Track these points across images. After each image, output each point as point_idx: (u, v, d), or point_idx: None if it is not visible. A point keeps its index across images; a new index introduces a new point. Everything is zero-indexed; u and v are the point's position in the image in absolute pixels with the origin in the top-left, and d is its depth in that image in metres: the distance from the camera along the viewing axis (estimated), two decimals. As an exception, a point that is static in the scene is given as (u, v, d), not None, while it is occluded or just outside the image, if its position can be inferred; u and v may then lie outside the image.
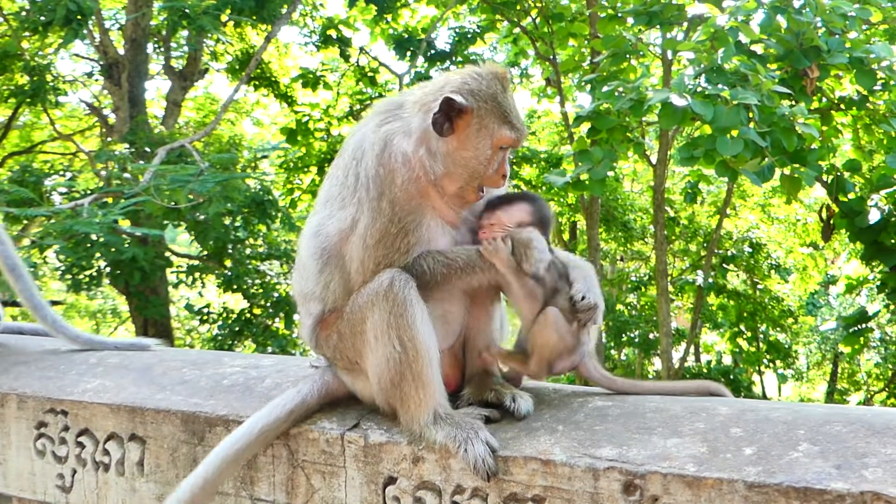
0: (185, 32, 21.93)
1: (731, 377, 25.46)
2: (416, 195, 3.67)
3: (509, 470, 3.39)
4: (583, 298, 3.66)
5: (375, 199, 3.67)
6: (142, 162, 18.19)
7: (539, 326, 3.67)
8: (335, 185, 3.84)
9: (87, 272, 19.14)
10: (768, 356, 27.95)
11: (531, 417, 3.63)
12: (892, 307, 17.90)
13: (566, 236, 28.83)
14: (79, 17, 17.80)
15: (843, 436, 3.07)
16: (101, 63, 22.09)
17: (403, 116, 3.74)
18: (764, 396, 28.58)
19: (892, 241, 12.95)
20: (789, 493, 2.88)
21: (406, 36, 23.22)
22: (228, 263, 21.29)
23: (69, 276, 19.14)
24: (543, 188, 23.65)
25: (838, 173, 13.81)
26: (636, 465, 3.17)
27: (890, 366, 25.55)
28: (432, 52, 23.26)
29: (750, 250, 27.55)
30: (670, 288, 24.24)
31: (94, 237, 17.32)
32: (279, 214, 20.44)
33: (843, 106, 14.46)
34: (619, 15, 16.58)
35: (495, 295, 3.96)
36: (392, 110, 3.80)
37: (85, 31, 19.98)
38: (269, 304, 21.14)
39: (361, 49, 24.71)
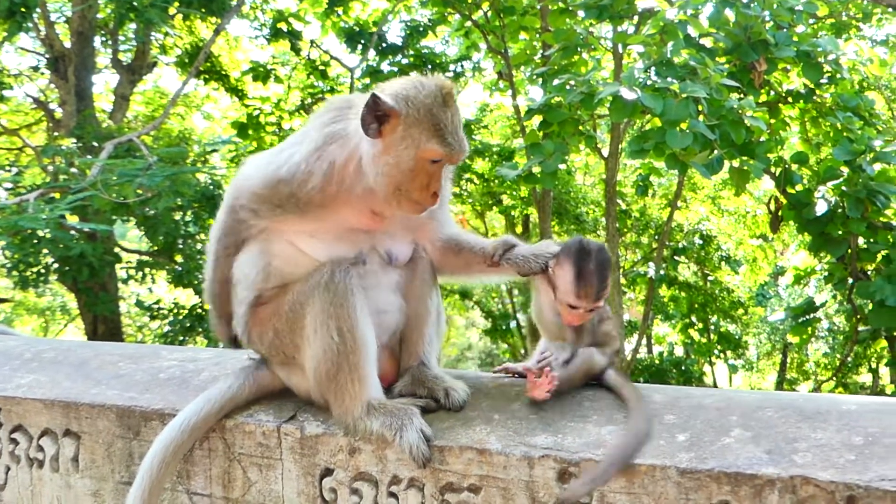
0: (132, 25, 21.68)
1: (683, 368, 25.66)
2: (320, 202, 3.63)
3: (445, 460, 3.39)
4: None
5: (283, 184, 3.66)
6: (89, 156, 17.96)
7: None
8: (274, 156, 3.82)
9: (35, 269, 18.87)
10: (719, 347, 28.16)
11: (468, 407, 3.63)
12: (839, 297, 18.10)
13: (519, 229, 28.89)
14: (23, 9, 17.53)
15: (775, 421, 3.09)
16: (47, 56, 21.76)
17: (349, 117, 3.67)
18: (715, 387, 28.83)
19: (839, 232, 13.06)
20: (720, 478, 2.90)
21: (357, 29, 23.05)
22: (179, 258, 21.08)
23: (16, 273, 18.86)
24: (496, 181, 23.68)
25: (786, 165, 13.91)
26: (571, 452, 3.18)
27: (838, 355, 25.85)
28: (384, 45, 23.14)
29: (700, 242, 27.71)
30: (622, 280, 24.38)
31: (40, 233, 17.08)
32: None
33: (790, 99, 14.57)
34: (570, 8, 16.60)
35: (433, 289, 3.96)
36: (342, 108, 3.74)
37: (30, 24, 19.68)
38: (220, 300, 20.93)
39: (312, 42, 24.55)
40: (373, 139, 3.55)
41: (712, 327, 28.14)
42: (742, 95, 12.74)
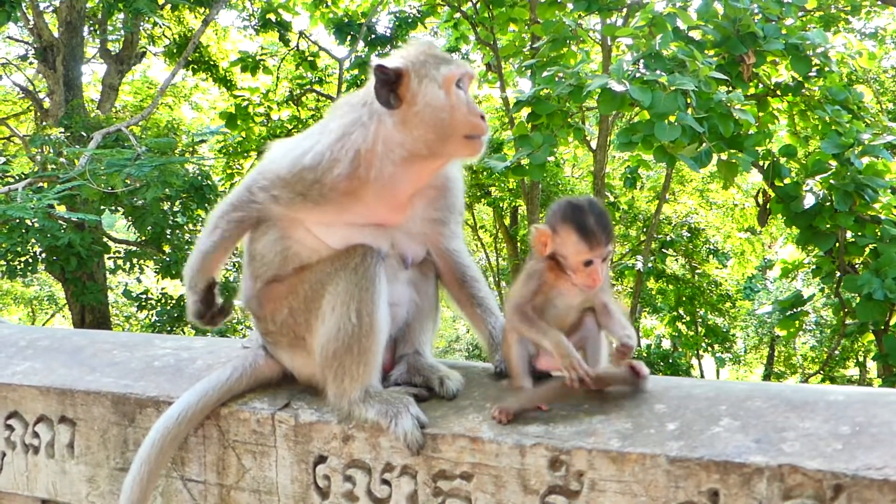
0: (121, 15, 21.64)
1: (671, 361, 25.73)
2: (346, 189, 3.63)
3: (438, 447, 3.41)
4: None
5: (257, 170, 3.78)
6: (77, 146, 17.95)
7: None
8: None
9: (22, 258, 18.87)
10: (707, 340, 28.26)
11: (461, 396, 3.65)
12: (826, 291, 18.17)
13: (507, 221, 28.94)
14: (11, -2, 17.51)
15: (763, 411, 3.13)
16: (36, 46, 21.72)
17: (362, 105, 3.70)
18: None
19: (827, 225, 13.12)
20: (710, 466, 2.93)
21: (346, 20, 23.06)
22: (167, 249, 21.08)
23: (4, 262, 18.85)
24: (484, 173, 23.72)
25: (774, 159, 13.97)
26: (562, 441, 3.20)
27: (825, 348, 25.99)
28: (373, 36, 23.16)
29: (688, 235, 27.81)
30: (610, 272, 24.39)
31: (28, 222, 17.08)
32: (218, 199, 20.26)
33: (779, 92, 14.63)
34: (559, 0, 16.64)
35: (436, 284, 4.03)
36: (353, 102, 3.78)
37: (18, 14, 19.63)
38: (208, 290, 20.91)
39: (301, 33, 24.55)
40: (393, 109, 3.59)
41: (700, 320, 28.25)
42: (731, 88, 12.80)
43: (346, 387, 3.64)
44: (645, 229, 26.53)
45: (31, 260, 19.03)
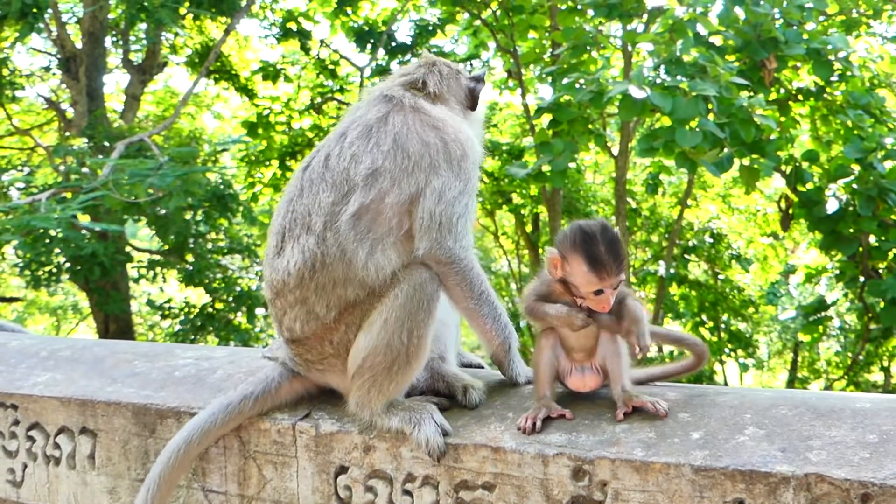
0: (143, 25, 21.73)
1: (694, 367, 25.49)
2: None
3: (460, 457, 3.40)
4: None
5: (457, 161, 3.74)
6: (100, 156, 18.02)
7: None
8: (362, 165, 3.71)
9: (47, 268, 18.97)
10: (730, 345, 28.04)
11: (482, 405, 3.63)
12: (850, 296, 18.06)
13: (529, 228, 28.87)
14: (35, 10, 17.59)
15: (789, 419, 3.10)
16: (59, 57, 21.84)
17: (448, 103, 4.04)
18: (726, 385, 28.68)
19: (850, 230, 13.07)
20: (735, 476, 2.90)
21: (366, 28, 23.09)
22: (190, 258, 21.15)
23: (28, 272, 18.97)
24: (505, 180, 23.68)
25: (796, 164, 13.92)
26: (585, 450, 3.18)
27: (849, 354, 25.78)
28: (393, 44, 23.15)
29: (711, 240, 27.62)
30: (633, 278, 24.33)
31: (52, 232, 17.17)
32: (240, 208, 20.36)
33: (800, 97, 14.58)
34: (579, 7, 16.62)
35: None
36: (437, 102, 4.00)
37: (41, 25, 19.76)
38: (231, 299, 21.02)
39: (322, 42, 24.60)
40: (474, 111, 4.14)
41: (723, 326, 28.05)
42: (752, 93, 12.73)
43: (372, 397, 3.61)
44: (667, 235, 26.38)
45: (55, 270, 19.13)
